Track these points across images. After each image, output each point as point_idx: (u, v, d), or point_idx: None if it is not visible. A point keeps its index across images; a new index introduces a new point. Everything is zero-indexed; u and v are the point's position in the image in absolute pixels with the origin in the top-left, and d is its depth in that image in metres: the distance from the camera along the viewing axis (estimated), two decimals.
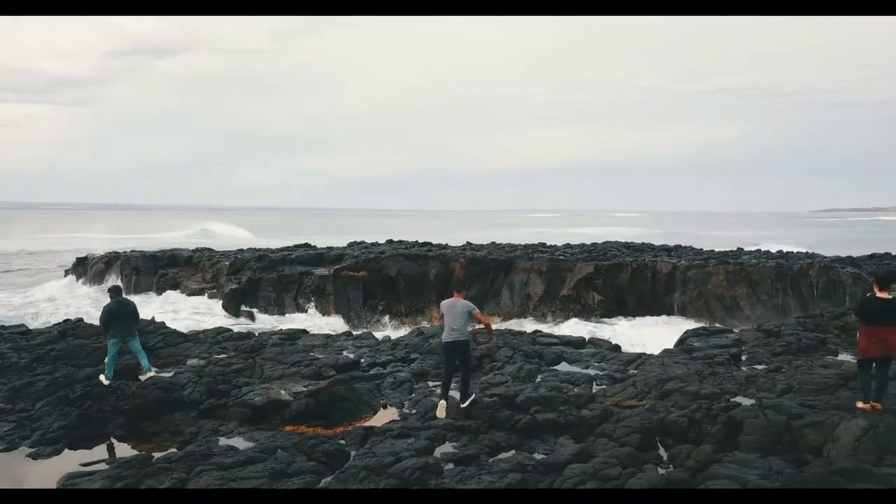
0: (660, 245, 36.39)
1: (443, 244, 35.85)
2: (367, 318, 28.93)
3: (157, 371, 13.37)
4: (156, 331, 16.15)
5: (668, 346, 15.81)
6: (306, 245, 36.56)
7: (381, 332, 22.12)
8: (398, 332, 22.56)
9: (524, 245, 36.15)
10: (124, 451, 10.21)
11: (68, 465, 9.60)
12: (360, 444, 9.64)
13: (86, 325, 16.07)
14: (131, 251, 35.26)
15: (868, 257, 32.45)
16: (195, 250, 35.24)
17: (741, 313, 27.26)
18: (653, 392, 11.00)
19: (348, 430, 10.52)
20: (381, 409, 11.83)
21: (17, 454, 9.98)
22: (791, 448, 8.77)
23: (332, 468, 8.87)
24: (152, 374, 12.49)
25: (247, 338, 16.32)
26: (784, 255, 30.80)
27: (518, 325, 26.31)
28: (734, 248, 34.94)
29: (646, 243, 37.37)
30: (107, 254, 34.69)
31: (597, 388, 12.23)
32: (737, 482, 7.32)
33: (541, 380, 12.47)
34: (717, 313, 27.75)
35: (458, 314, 10.66)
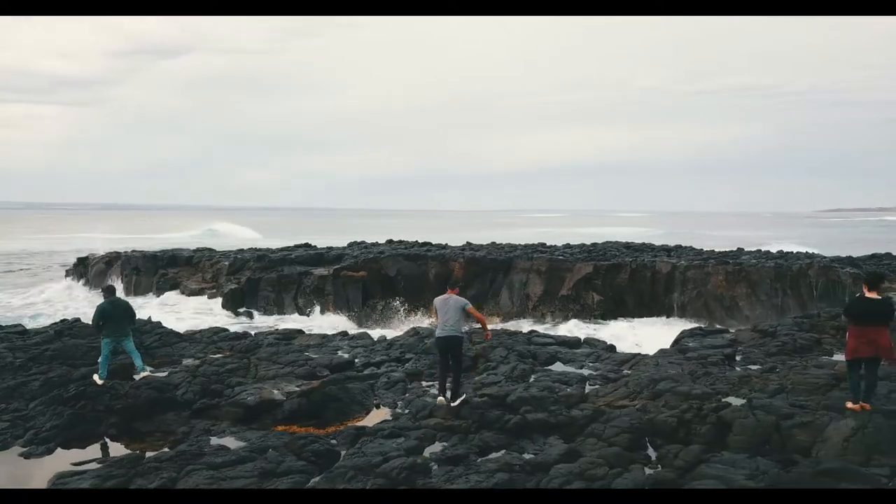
0: (660, 245, 36.32)
1: (442, 244, 35.85)
2: (382, 313, 29.05)
3: (152, 370, 13.43)
4: (152, 330, 16.20)
5: (665, 347, 15.81)
6: (306, 245, 36.59)
7: (391, 329, 22.32)
8: (409, 325, 22.89)
9: (524, 245, 36.12)
10: (117, 451, 10.24)
11: (60, 464, 9.63)
12: (351, 443, 9.66)
13: (82, 325, 16.12)
14: (132, 251, 35.32)
15: (868, 257, 32.33)
16: (195, 250, 35.29)
17: (740, 313, 27.20)
18: (644, 392, 11.00)
19: (340, 429, 10.55)
20: (374, 408, 11.86)
21: (9, 454, 10.02)
22: (780, 448, 8.77)
23: (322, 468, 8.89)
24: (146, 373, 12.53)
25: (242, 337, 16.37)
26: (783, 256, 30.72)
27: (517, 325, 26.31)
28: (734, 249, 34.86)
29: (646, 243, 37.30)
30: (107, 254, 34.76)
31: (590, 388, 12.23)
32: (723, 482, 7.32)
33: (534, 380, 12.48)
34: (716, 313, 27.69)
35: (452, 310, 10.74)
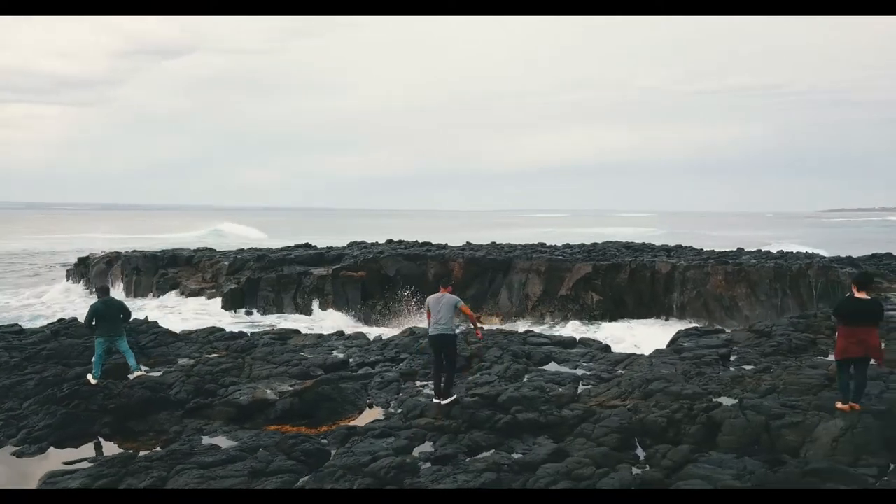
0: (660, 245, 36.30)
1: (442, 244, 35.88)
2: (390, 308, 29.12)
3: (147, 370, 13.46)
4: (148, 330, 16.24)
5: (661, 347, 15.80)
6: (307, 245, 36.65)
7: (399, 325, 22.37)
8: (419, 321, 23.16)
9: (524, 245, 36.13)
10: (110, 450, 10.28)
11: (52, 463, 9.67)
12: (341, 443, 9.68)
13: (79, 325, 16.15)
14: (133, 251, 35.40)
15: (869, 257, 32.28)
16: (196, 250, 35.36)
17: (740, 314, 27.17)
18: (636, 392, 11.00)
19: (332, 429, 10.57)
20: (367, 408, 11.87)
21: (1, 453, 10.07)
22: (769, 448, 8.77)
23: (311, 467, 8.91)
24: (140, 373, 12.55)
25: (238, 337, 16.40)
26: (783, 256, 30.68)
27: (516, 326, 26.33)
28: (734, 249, 34.82)
29: (646, 243, 37.28)
30: (108, 254, 34.85)
31: (583, 388, 12.22)
32: (709, 482, 7.32)
33: (527, 380, 12.48)
34: (715, 314, 27.67)
35: (445, 308, 10.81)
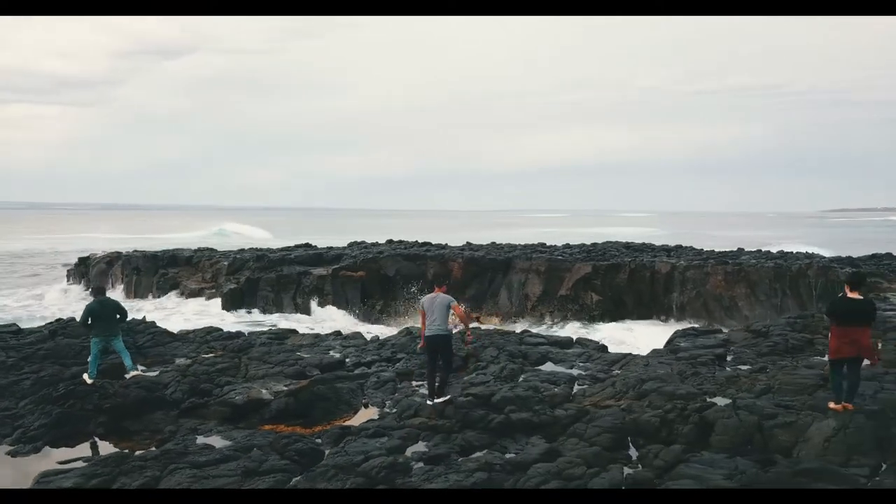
0: (660, 245, 36.27)
1: (442, 244, 35.89)
2: (393, 308, 29.17)
3: (144, 370, 13.49)
4: (145, 330, 16.28)
5: (658, 347, 15.80)
6: (307, 245, 36.68)
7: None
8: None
9: (523, 245, 36.12)
10: (105, 450, 10.30)
11: (47, 463, 9.69)
12: (335, 443, 9.69)
13: (76, 325, 16.18)
14: (133, 251, 35.44)
15: (869, 257, 32.25)
16: (196, 250, 35.39)
17: (739, 314, 27.14)
18: (630, 392, 11.00)
19: (326, 429, 10.58)
20: (363, 408, 11.90)
21: None
22: (762, 448, 8.77)
23: (304, 467, 8.92)
24: (136, 373, 12.58)
25: (235, 337, 16.42)
26: (783, 256, 30.66)
27: (515, 326, 26.34)
28: (734, 249, 34.80)
29: (646, 243, 37.25)
30: (108, 254, 34.90)
31: (578, 388, 12.23)
32: (699, 482, 7.32)
33: (522, 380, 12.48)
34: (715, 314, 27.65)
35: (438, 308, 10.81)
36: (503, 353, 14.44)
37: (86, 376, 12.06)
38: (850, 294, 8.98)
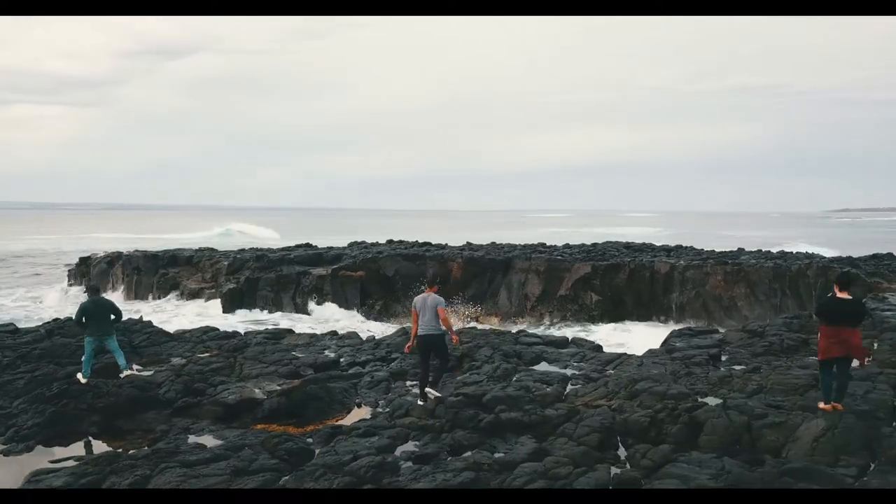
0: (660, 245, 36.22)
1: (442, 244, 35.88)
2: (392, 308, 29.18)
3: (139, 369, 13.54)
4: (141, 329, 16.31)
5: (654, 347, 15.79)
6: (307, 245, 36.72)
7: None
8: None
9: (523, 245, 36.10)
10: (98, 449, 10.36)
11: (39, 462, 9.73)
12: (325, 442, 9.71)
13: (73, 324, 16.23)
14: (134, 251, 35.51)
15: (870, 257, 32.17)
16: (197, 250, 35.45)
17: (739, 314, 27.09)
18: (622, 392, 11.00)
19: (318, 428, 10.61)
20: (356, 407, 11.93)
21: None
22: (750, 448, 8.76)
23: (294, 466, 8.94)
24: (130, 372, 12.62)
25: (231, 337, 16.45)
26: (783, 256, 30.60)
27: (515, 326, 26.32)
28: (734, 249, 34.73)
29: (646, 243, 37.20)
30: (109, 254, 34.98)
31: (571, 387, 12.23)
32: (684, 482, 7.32)
33: (515, 379, 12.49)
34: (715, 314, 27.61)
35: (430, 309, 10.86)
36: (498, 353, 14.44)
37: (80, 375, 12.10)
38: (839, 294, 8.98)
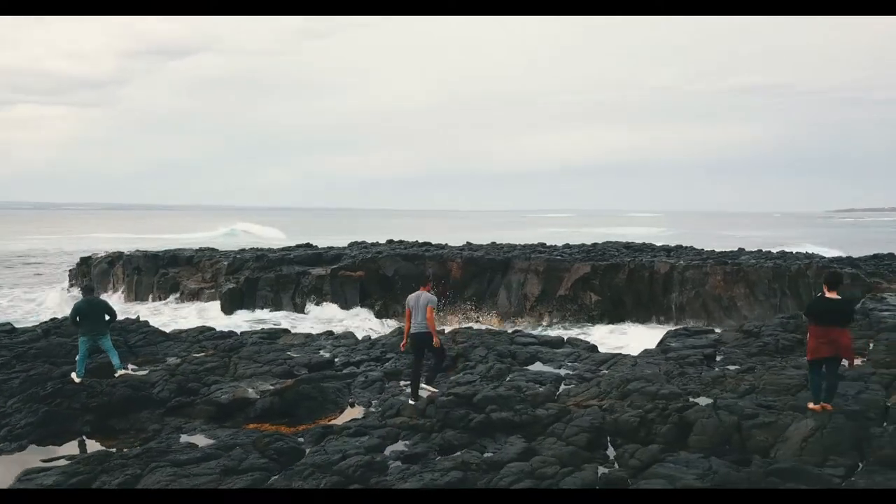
0: (660, 245, 36.18)
1: (442, 244, 35.87)
2: (392, 308, 29.17)
3: (135, 369, 13.59)
4: (137, 329, 16.36)
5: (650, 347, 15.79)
6: (307, 245, 36.74)
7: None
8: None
9: (523, 245, 36.08)
10: (91, 448, 10.39)
11: (32, 461, 9.77)
12: (316, 442, 9.74)
13: (69, 324, 16.31)
14: (135, 251, 35.56)
15: (871, 257, 32.08)
16: (197, 250, 35.49)
17: (738, 314, 27.04)
18: (614, 392, 11.00)
19: (310, 428, 10.63)
20: (349, 407, 11.95)
21: None
22: (739, 448, 8.75)
23: (284, 465, 8.96)
24: (124, 372, 12.66)
25: (227, 336, 16.48)
26: (782, 256, 30.55)
27: (514, 326, 26.30)
28: (735, 249, 34.67)
29: (646, 243, 37.15)
30: (110, 254, 35.04)
31: (564, 387, 12.24)
32: (670, 482, 7.32)
33: (509, 379, 12.49)
34: (714, 314, 27.57)
35: (422, 307, 10.95)
36: (492, 353, 14.45)
37: (74, 375, 12.14)
38: (827, 294, 8.97)
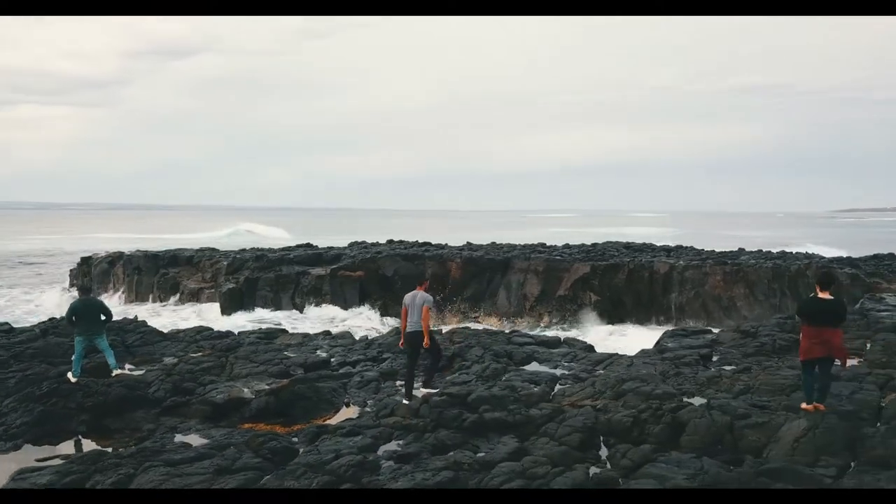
0: (660, 245, 36.16)
1: (442, 244, 35.89)
2: (391, 309, 29.13)
3: (132, 369, 13.62)
4: (135, 329, 16.39)
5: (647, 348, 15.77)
6: (307, 245, 36.79)
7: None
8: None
9: (523, 245, 36.09)
10: (86, 447, 10.41)
11: (27, 460, 9.80)
12: (310, 441, 9.75)
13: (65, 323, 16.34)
14: (136, 251, 35.63)
15: (871, 257, 32.04)
16: (197, 250, 35.55)
17: (738, 314, 27.02)
18: (608, 392, 11.00)
19: (304, 428, 10.64)
20: (344, 407, 11.95)
21: None
22: (732, 448, 8.76)
23: (277, 465, 8.97)
24: (119, 372, 12.69)
25: (224, 336, 16.51)
26: (782, 256, 30.53)
27: (513, 326, 26.30)
28: (735, 249, 34.65)
29: (646, 243, 37.15)
30: (110, 254, 35.11)
31: (559, 387, 12.24)
32: (660, 482, 7.32)
33: (504, 379, 12.49)
34: (714, 314, 27.54)
35: (417, 306, 11.00)
36: (488, 353, 14.46)
37: (70, 375, 12.16)
38: (820, 294, 8.96)
